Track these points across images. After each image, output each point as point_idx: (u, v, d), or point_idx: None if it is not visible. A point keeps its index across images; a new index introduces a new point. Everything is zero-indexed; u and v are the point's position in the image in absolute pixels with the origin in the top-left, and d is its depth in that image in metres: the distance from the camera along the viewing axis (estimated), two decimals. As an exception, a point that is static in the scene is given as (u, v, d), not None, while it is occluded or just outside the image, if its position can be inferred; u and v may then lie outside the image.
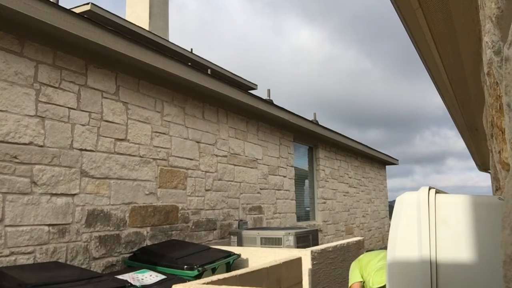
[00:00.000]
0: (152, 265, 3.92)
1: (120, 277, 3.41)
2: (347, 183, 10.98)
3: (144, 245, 4.61)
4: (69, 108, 3.96)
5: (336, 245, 4.57)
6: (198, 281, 3.23)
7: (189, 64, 5.91)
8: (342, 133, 10.27)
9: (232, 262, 4.34)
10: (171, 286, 2.99)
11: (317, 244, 6.10)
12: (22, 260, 3.44)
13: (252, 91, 8.31)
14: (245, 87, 10.90)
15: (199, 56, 10.46)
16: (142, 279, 3.52)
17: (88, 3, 7.87)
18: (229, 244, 5.66)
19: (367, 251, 4.23)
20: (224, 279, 2.86)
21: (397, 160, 15.03)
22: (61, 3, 4.43)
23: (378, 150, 13.23)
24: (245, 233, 5.69)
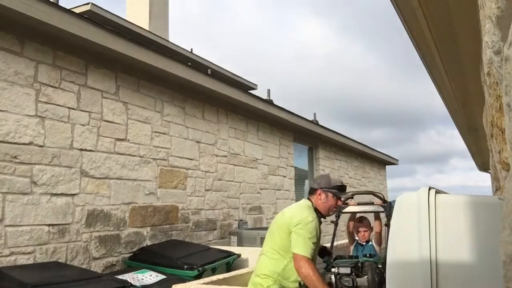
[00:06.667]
0: (152, 265, 3.91)
1: (120, 277, 3.41)
2: (347, 183, 10.96)
3: (144, 245, 4.60)
4: (69, 108, 3.96)
5: (336, 245, 4.57)
6: (198, 281, 3.23)
7: (189, 64, 5.91)
8: (343, 133, 10.27)
9: (232, 262, 4.34)
10: (171, 286, 2.99)
11: (317, 244, 6.09)
12: (22, 260, 3.44)
13: (252, 91, 8.30)
14: (245, 87, 10.87)
15: (199, 56, 10.45)
16: (142, 279, 3.52)
17: (88, 3, 7.85)
18: (229, 244, 5.65)
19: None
20: (224, 279, 2.87)
21: (397, 160, 15.04)
22: (61, 3, 4.42)
23: (378, 150, 13.23)
24: (245, 233, 5.68)
